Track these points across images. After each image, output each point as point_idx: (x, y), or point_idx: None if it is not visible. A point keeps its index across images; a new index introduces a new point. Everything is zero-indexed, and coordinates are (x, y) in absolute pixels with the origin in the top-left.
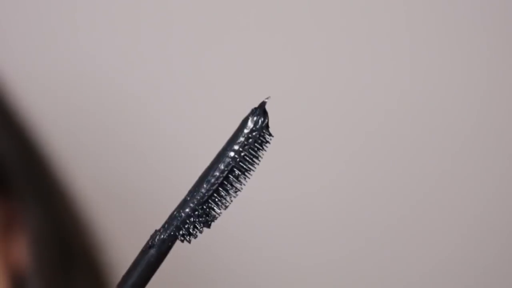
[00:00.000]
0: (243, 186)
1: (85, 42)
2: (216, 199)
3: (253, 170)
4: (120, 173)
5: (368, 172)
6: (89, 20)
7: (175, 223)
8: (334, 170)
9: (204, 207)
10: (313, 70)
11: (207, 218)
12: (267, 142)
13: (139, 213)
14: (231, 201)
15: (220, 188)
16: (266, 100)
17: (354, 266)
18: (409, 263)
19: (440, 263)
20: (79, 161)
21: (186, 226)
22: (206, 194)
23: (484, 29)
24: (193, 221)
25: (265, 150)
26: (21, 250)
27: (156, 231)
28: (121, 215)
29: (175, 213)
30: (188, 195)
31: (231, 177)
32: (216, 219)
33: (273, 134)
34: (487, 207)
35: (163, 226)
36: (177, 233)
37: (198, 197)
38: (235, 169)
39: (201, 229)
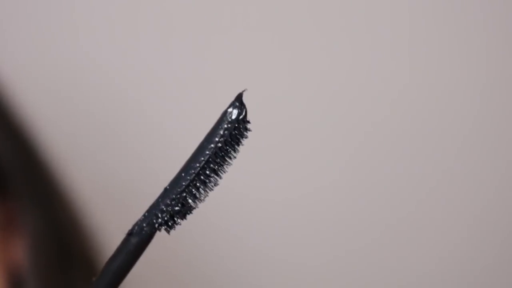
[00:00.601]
0: (219, 179)
1: (84, 42)
2: (193, 190)
3: (229, 164)
4: (118, 174)
5: (368, 172)
6: (88, 20)
7: (153, 211)
8: (334, 170)
9: (180, 197)
10: (313, 70)
11: (183, 209)
12: (244, 135)
13: (138, 213)
14: (208, 193)
15: (197, 179)
16: (243, 92)
17: (354, 266)
18: (409, 263)
19: (440, 263)
20: (77, 161)
21: (163, 215)
22: (183, 184)
23: (484, 29)
24: (170, 210)
25: (242, 144)
26: (19, 251)
27: (138, 220)
28: (119, 215)
29: (155, 202)
30: (168, 184)
31: (208, 169)
32: (192, 210)
33: (251, 128)
34: (487, 207)
35: (143, 215)
36: (155, 222)
37: (177, 187)
38: (211, 161)
39: (177, 220)
